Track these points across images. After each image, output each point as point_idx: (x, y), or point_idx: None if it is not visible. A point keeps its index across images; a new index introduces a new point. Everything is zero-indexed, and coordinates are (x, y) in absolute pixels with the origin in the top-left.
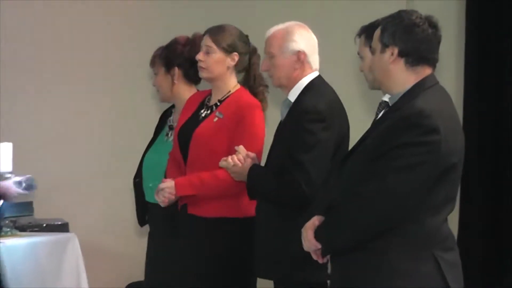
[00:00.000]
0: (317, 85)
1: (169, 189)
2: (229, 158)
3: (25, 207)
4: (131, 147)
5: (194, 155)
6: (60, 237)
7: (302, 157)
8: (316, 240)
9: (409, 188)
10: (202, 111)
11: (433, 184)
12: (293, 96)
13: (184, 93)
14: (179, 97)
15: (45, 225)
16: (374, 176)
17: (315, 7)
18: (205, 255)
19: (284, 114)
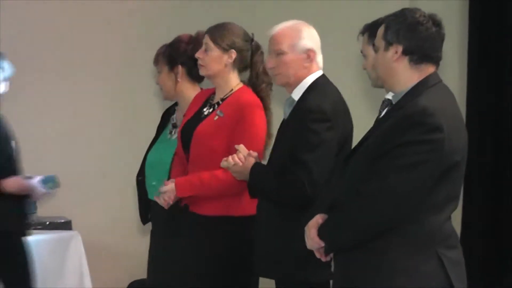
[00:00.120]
0: (322, 84)
1: (169, 192)
2: (230, 157)
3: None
4: (134, 145)
5: (195, 153)
6: (63, 235)
7: (305, 156)
8: (319, 238)
9: (411, 187)
10: (205, 109)
11: (435, 182)
12: (297, 94)
13: (188, 91)
14: (182, 95)
15: (48, 223)
16: (376, 175)
17: (317, 5)
18: (205, 254)
19: (287, 112)
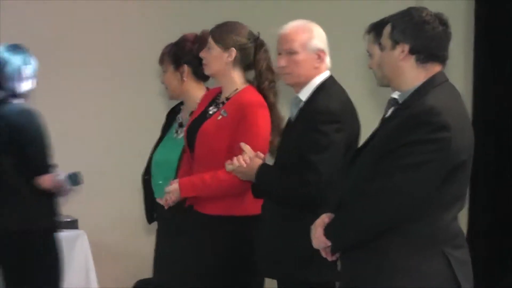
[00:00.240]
0: (330, 85)
1: (173, 192)
2: (235, 159)
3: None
4: (139, 144)
5: (200, 152)
6: (69, 234)
7: (314, 157)
8: (326, 238)
9: (416, 186)
10: (211, 108)
11: (441, 182)
12: (304, 95)
13: (193, 90)
14: (188, 94)
15: None
16: (382, 174)
17: (322, 5)
18: (206, 254)
19: (293, 112)
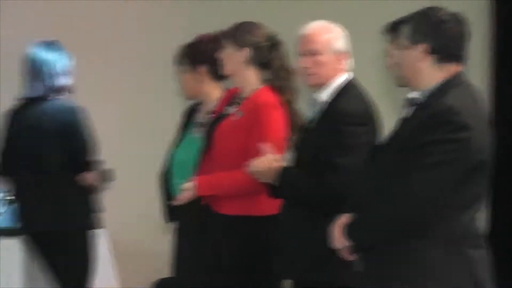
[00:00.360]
0: (355, 87)
1: (188, 190)
2: (254, 161)
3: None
4: (159, 143)
5: (217, 152)
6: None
7: (339, 160)
8: (344, 238)
9: (435, 187)
10: (229, 108)
11: (461, 182)
12: (325, 96)
13: (210, 91)
14: (205, 94)
15: None
16: (401, 174)
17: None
18: (222, 253)
19: (313, 112)
